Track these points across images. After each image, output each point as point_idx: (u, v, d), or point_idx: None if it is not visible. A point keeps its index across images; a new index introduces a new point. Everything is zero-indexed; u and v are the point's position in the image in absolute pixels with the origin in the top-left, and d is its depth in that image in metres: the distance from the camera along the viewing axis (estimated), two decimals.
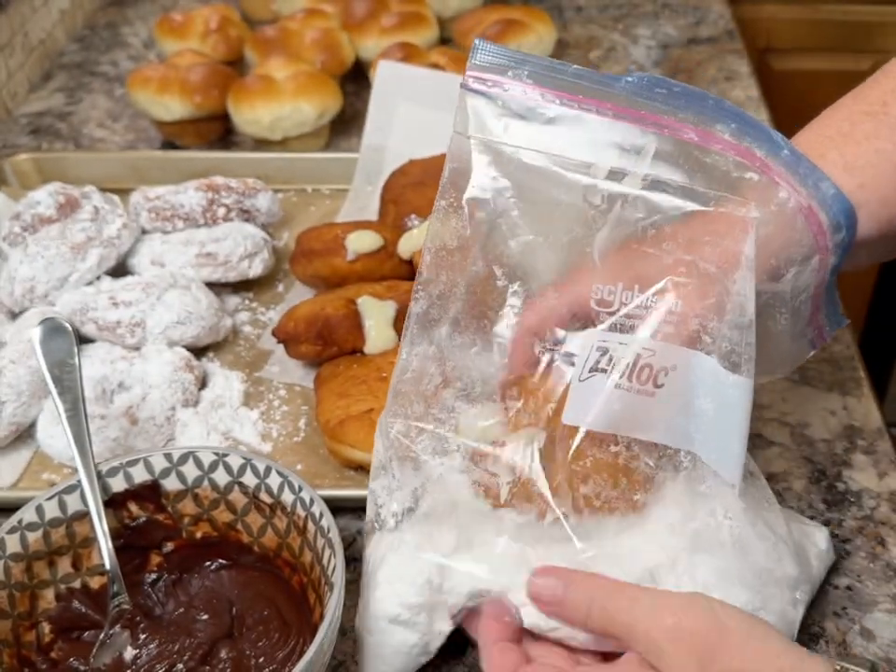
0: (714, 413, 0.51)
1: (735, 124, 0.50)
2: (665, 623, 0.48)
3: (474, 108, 0.51)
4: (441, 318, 0.55)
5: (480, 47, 0.51)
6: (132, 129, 1.18)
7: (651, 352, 0.50)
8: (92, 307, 0.79)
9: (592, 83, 0.50)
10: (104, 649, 0.58)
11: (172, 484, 0.63)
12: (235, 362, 0.83)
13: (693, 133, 0.49)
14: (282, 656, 0.59)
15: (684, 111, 0.50)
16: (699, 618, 0.48)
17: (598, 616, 0.50)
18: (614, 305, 0.51)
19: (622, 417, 0.51)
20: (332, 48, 1.16)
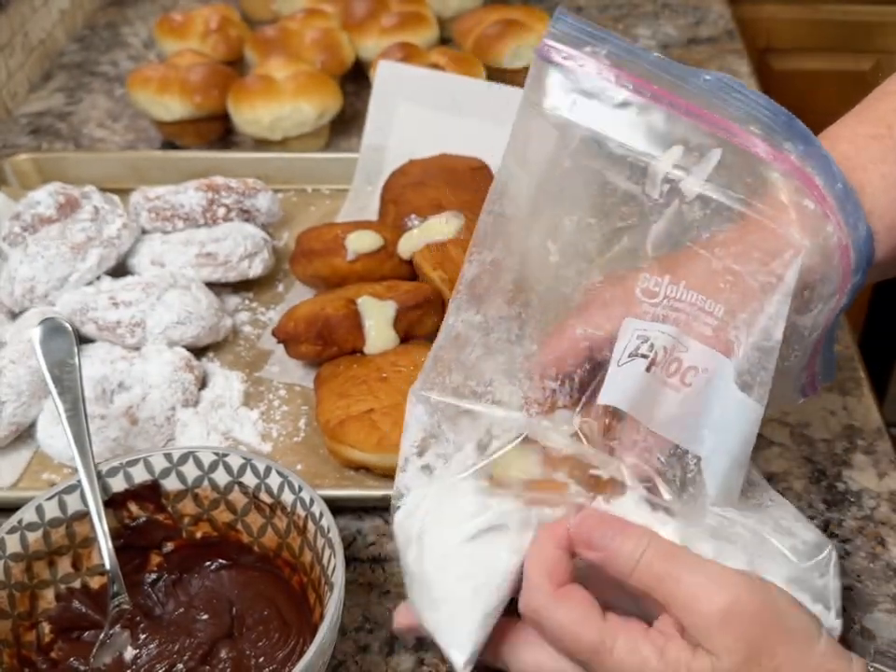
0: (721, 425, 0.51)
1: (802, 146, 0.50)
2: (719, 601, 0.46)
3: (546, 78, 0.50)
4: (490, 287, 0.54)
5: (561, 17, 0.50)
6: (132, 129, 1.18)
7: (685, 348, 0.50)
8: (92, 307, 0.79)
9: (669, 75, 0.49)
10: (104, 649, 0.59)
11: (172, 484, 0.63)
12: (235, 362, 0.83)
13: (761, 148, 0.49)
14: (282, 656, 0.59)
15: (756, 122, 0.50)
16: (755, 603, 0.46)
17: (645, 574, 0.47)
18: (658, 297, 0.51)
19: (647, 405, 0.51)
20: (332, 48, 1.16)
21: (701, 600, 0.46)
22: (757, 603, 0.46)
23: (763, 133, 0.50)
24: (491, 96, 1.03)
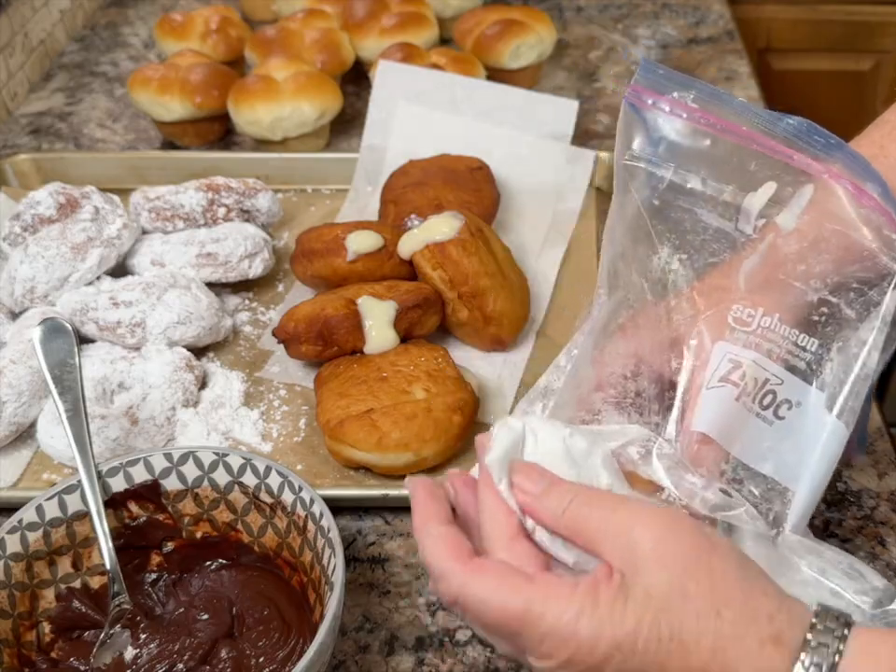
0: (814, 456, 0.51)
1: (880, 188, 0.52)
2: (650, 534, 0.44)
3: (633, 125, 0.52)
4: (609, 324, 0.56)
5: (647, 65, 0.53)
6: (132, 129, 1.18)
7: (780, 381, 0.51)
8: (93, 307, 0.79)
9: (754, 117, 0.52)
10: (104, 648, 0.59)
11: (172, 484, 0.63)
12: (235, 362, 0.83)
13: (849, 185, 0.51)
14: (282, 656, 0.59)
15: (838, 163, 0.51)
16: (688, 536, 0.44)
17: (572, 518, 0.46)
18: (752, 326, 0.52)
19: (738, 436, 0.51)
20: (332, 48, 1.16)
21: (630, 534, 0.44)
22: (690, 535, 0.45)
23: (846, 172, 0.51)
24: (491, 96, 1.03)
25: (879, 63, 1.69)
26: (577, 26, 1.39)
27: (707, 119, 0.51)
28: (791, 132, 0.51)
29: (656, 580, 0.43)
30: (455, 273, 0.79)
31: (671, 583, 0.43)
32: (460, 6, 1.30)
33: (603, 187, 1.01)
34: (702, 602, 0.43)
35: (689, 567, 0.43)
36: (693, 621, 0.42)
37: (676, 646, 0.42)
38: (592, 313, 0.56)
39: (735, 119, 0.51)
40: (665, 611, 0.42)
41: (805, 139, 0.51)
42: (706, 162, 0.52)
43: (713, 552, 0.44)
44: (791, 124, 0.51)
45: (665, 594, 0.43)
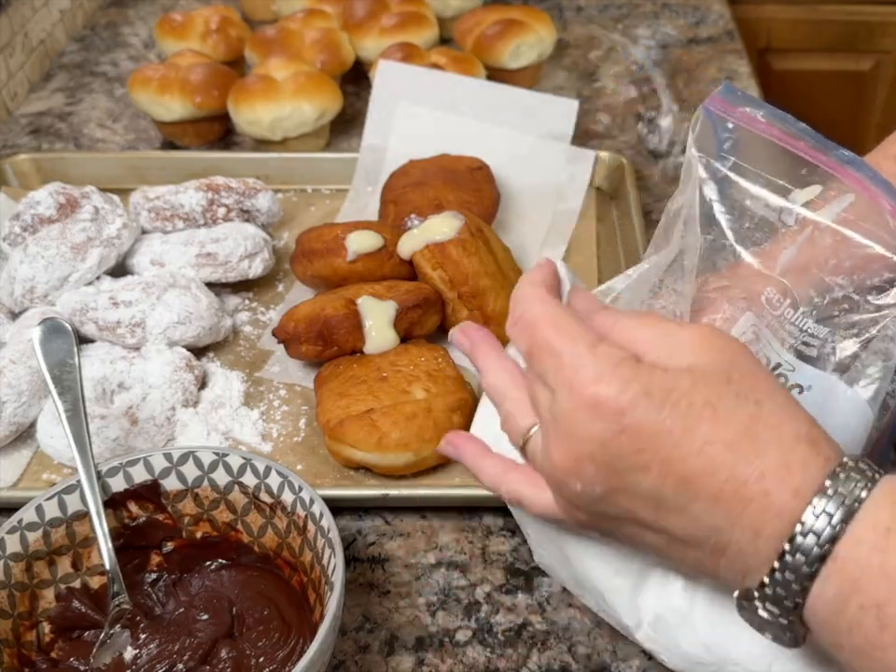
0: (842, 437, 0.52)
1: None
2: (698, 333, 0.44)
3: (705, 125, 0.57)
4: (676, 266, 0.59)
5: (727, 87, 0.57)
6: (132, 129, 1.18)
7: (791, 367, 0.54)
8: (92, 307, 0.79)
9: (814, 140, 0.55)
10: (104, 648, 0.59)
11: (172, 484, 0.63)
12: (235, 362, 0.83)
13: (888, 205, 0.54)
14: (282, 656, 0.59)
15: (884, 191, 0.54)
16: (736, 344, 0.44)
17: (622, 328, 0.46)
18: (778, 310, 0.55)
19: None
20: (332, 48, 1.16)
21: (682, 330, 0.45)
22: (740, 344, 0.45)
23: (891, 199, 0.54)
24: (491, 96, 1.03)
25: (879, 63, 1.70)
26: (577, 26, 1.39)
27: (770, 132, 0.55)
28: (845, 159, 0.55)
29: (698, 360, 0.43)
30: (454, 273, 0.79)
31: (714, 366, 0.42)
32: (460, 5, 1.30)
33: (603, 187, 1.01)
34: (743, 387, 0.42)
35: (735, 361, 0.43)
36: (732, 399, 0.41)
37: (709, 413, 0.41)
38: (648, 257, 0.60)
39: (796, 136, 0.55)
40: (704, 382, 0.42)
41: (856, 166, 0.55)
42: (762, 161, 0.56)
43: (760, 363, 0.44)
44: (844, 154, 0.55)
45: (705, 371, 0.42)
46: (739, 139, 0.56)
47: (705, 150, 0.56)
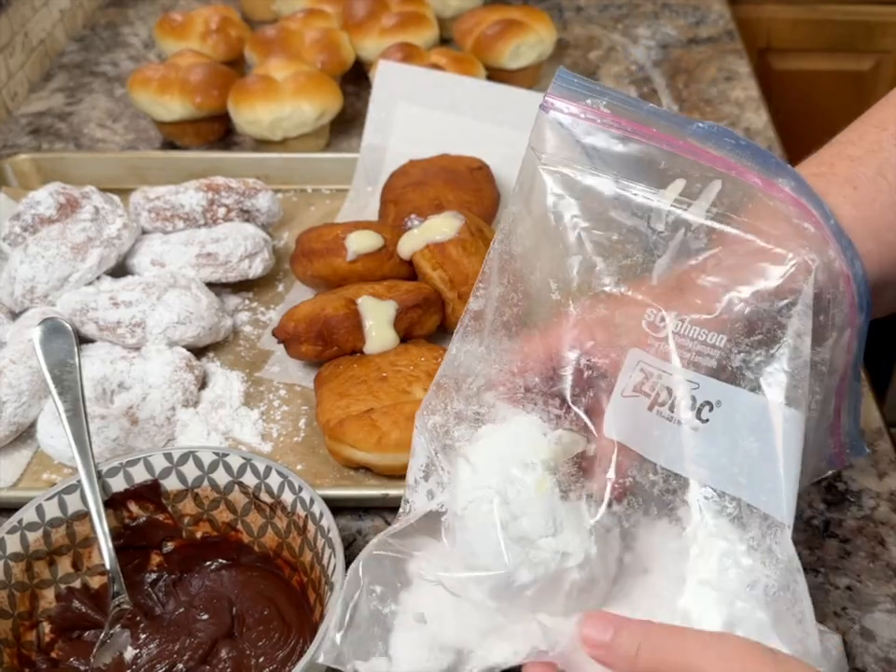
0: (760, 452, 0.50)
1: (794, 182, 0.51)
2: (726, 666, 0.44)
3: (548, 129, 0.53)
4: (494, 320, 0.55)
5: (562, 74, 0.53)
6: (132, 129, 1.18)
7: (695, 385, 0.50)
8: (93, 307, 0.79)
9: (665, 121, 0.52)
10: (104, 648, 0.59)
11: (172, 484, 0.63)
12: (235, 362, 0.83)
13: (757, 179, 0.51)
14: (282, 656, 0.59)
15: (749, 161, 0.51)
16: (761, 663, 0.44)
17: (648, 657, 0.47)
18: (663, 332, 0.51)
19: (662, 446, 0.50)
20: (332, 48, 1.16)
21: (707, 665, 0.45)
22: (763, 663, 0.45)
23: (757, 168, 0.51)
24: (491, 96, 1.03)
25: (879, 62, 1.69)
26: (577, 26, 1.39)
27: (618, 123, 0.51)
28: (701, 134, 0.51)
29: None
30: (454, 272, 0.79)
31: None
32: (460, 5, 1.30)
33: None
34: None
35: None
36: None
37: None
38: (470, 307, 0.56)
39: (647, 122, 0.51)
40: None
41: (714, 140, 0.51)
42: (617, 163, 0.52)
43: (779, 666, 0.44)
44: (700, 127, 0.51)
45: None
46: (588, 140, 0.52)
47: (551, 158, 0.52)
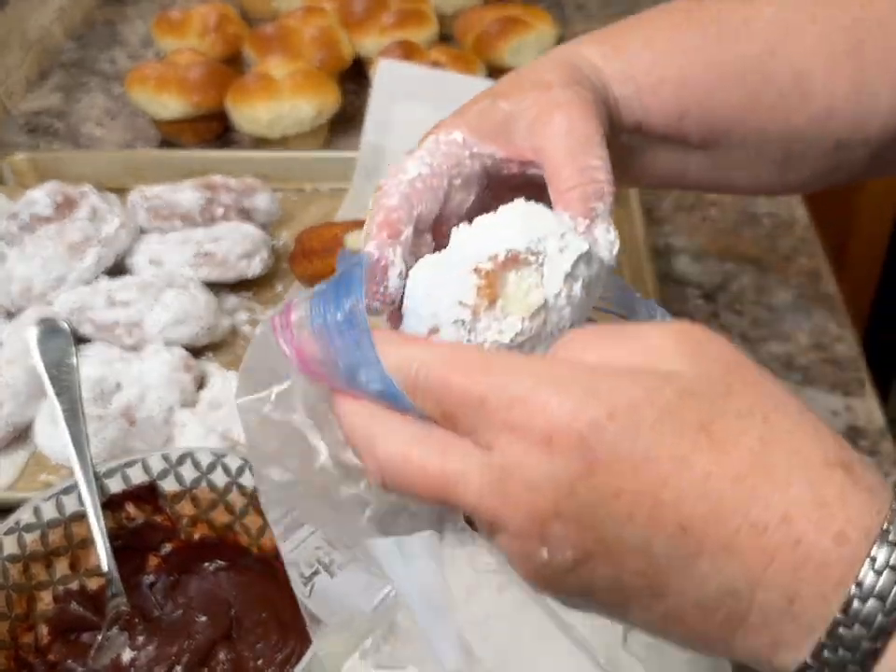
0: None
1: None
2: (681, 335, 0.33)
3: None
4: None
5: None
6: (130, 128, 1.17)
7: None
8: (90, 307, 0.79)
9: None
10: (102, 650, 0.59)
11: (170, 485, 0.62)
12: (234, 362, 0.82)
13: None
14: (280, 658, 0.58)
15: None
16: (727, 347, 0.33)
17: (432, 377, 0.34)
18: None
19: None
20: (331, 45, 1.15)
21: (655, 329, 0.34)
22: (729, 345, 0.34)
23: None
24: None
25: None
26: (578, 24, 1.38)
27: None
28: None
29: (687, 370, 0.32)
30: None
31: (709, 376, 0.32)
32: (460, 3, 1.30)
33: None
34: (748, 401, 0.31)
35: (731, 367, 0.32)
36: (733, 418, 0.31)
37: (704, 439, 0.30)
38: None
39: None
40: (694, 396, 0.31)
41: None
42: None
43: (764, 371, 0.33)
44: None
45: (696, 381, 0.32)
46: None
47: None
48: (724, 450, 0.30)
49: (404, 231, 0.42)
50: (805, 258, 0.92)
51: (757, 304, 0.87)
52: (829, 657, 0.29)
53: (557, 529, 0.31)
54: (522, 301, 0.39)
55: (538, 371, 0.32)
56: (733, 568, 0.30)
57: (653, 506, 0.30)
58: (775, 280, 0.90)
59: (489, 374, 0.32)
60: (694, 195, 1.01)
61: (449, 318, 0.39)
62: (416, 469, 0.33)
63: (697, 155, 0.52)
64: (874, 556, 0.29)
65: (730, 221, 0.97)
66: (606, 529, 0.31)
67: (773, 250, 0.94)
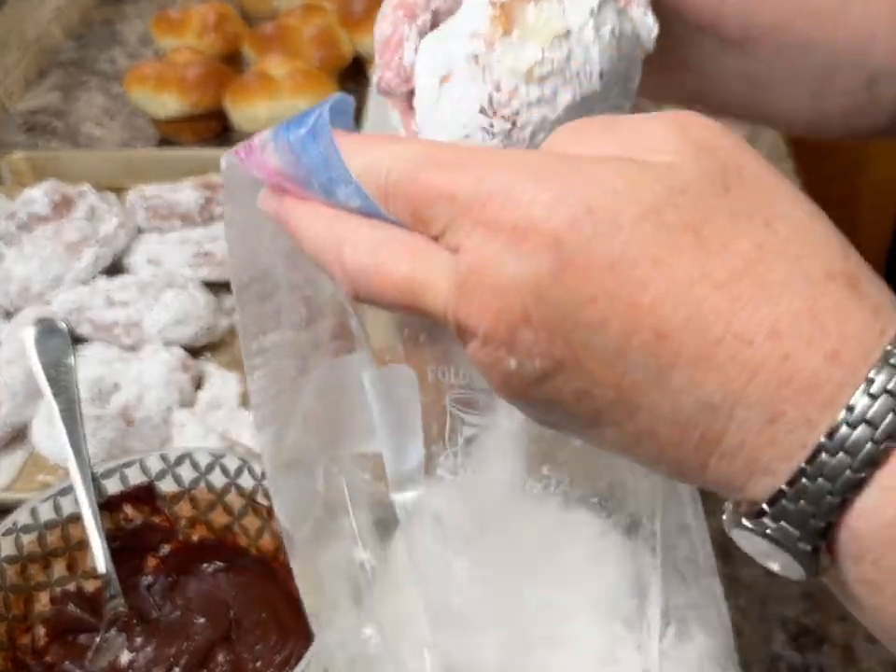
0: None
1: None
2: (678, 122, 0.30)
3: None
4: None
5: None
6: (128, 127, 1.17)
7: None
8: (88, 307, 0.79)
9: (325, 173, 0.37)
10: (99, 652, 0.58)
11: (168, 486, 0.62)
12: (232, 362, 0.82)
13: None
14: (279, 660, 0.58)
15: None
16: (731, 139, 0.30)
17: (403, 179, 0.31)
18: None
19: None
20: (331, 44, 1.15)
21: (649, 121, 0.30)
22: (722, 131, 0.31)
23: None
24: None
25: None
26: None
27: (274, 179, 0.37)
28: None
29: (675, 159, 0.29)
30: None
31: (699, 170, 0.29)
32: None
33: None
34: (745, 203, 0.28)
35: (731, 162, 0.29)
36: (726, 220, 0.28)
37: (690, 239, 0.27)
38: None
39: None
40: (685, 193, 0.28)
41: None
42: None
43: (769, 164, 0.30)
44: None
45: (690, 176, 0.28)
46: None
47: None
48: (713, 252, 0.27)
49: (420, 15, 0.40)
50: None
51: None
52: (806, 485, 0.27)
53: (526, 336, 0.29)
54: (542, 28, 0.35)
55: (514, 163, 0.29)
56: (711, 382, 0.27)
57: (628, 310, 0.28)
58: None
59: (462, 169, 0.30)
60: None
61: (461, 56, 0.37)
62: (385, 277, 0.31)
63: (732, 56, 0.49)
64: (870, 378, 0.26)
65: None
66: (577, 337, 0.28)
67: None
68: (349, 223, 0.32)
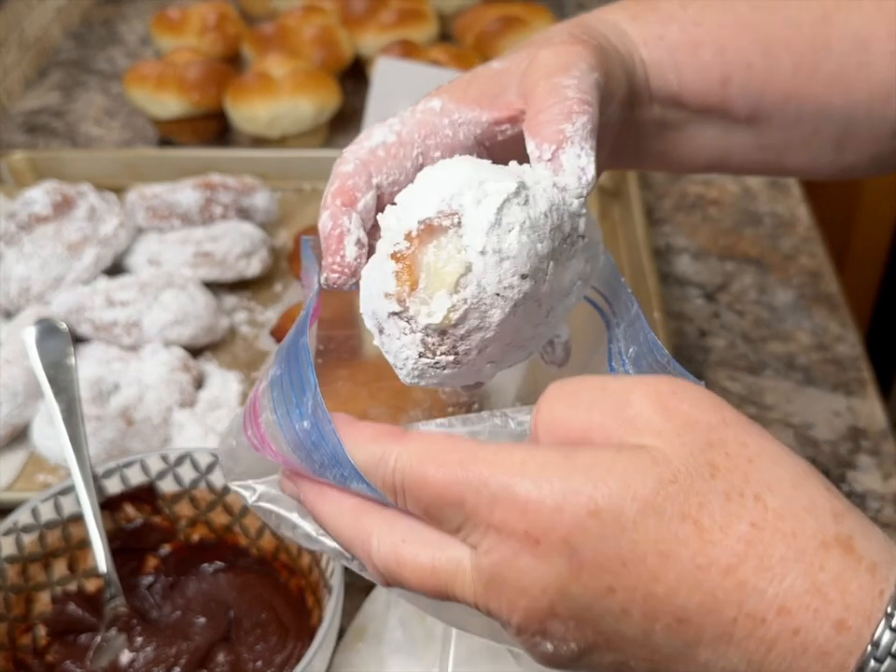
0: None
1: None
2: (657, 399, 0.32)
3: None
4: None
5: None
6: (128, 127, 1.17)
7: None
8: (88, 307, 0.79)
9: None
10: (100, 652, 0.58)
11: (168, 486, 0.62)
12: (233, 362, 0.82)
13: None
14: (279, 660, 0.58)
15: None
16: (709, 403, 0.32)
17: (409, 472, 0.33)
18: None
19: None
20: (331, 44, 1.15)
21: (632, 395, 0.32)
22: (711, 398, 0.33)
23: None
24: None
25: None
26: None
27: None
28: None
29: (666, 445, 0.31)
30: None
31: (690, 455, 0.31)
32: (460, 2, 1.29)
33: (605, 185, 1.01)
34: (734, 480, 0.30)
35: (714, 434, 0.31)
36: (720, 501, 0.30)
37: (690, 529, 0.30)
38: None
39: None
40: (676, 483, 0.30)
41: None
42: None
43: (748, 425, 0.32)
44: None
45: (677, 462, 0.30)
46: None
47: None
48: (713, 539, 0.30)
49: (360, 199, 0.40)
50: (806, 257, 0.92)
51: (758, 304, 0.87)
52: None
53: (556, 627, 0.32)
54: (444, 273, 0.35)
55: (514, 462, 0.31)
56: (734, 655, 0.30)
57: (646, 601, 0.30)
58: (776, 280, 0.90)
59: (466, 470, 0.32)
60: (695, 195, 1.01)
61: (383, 314, 0.37)
62: (409, 571, 0.33)
63: (743, 132, 0.49)
64: (876, 641, 0.29)
65: (731, 221, 0.97)
66: (604, 624, 0.31)
67: (774, 250, 0.93)
68: (371, 518, 0.35)
